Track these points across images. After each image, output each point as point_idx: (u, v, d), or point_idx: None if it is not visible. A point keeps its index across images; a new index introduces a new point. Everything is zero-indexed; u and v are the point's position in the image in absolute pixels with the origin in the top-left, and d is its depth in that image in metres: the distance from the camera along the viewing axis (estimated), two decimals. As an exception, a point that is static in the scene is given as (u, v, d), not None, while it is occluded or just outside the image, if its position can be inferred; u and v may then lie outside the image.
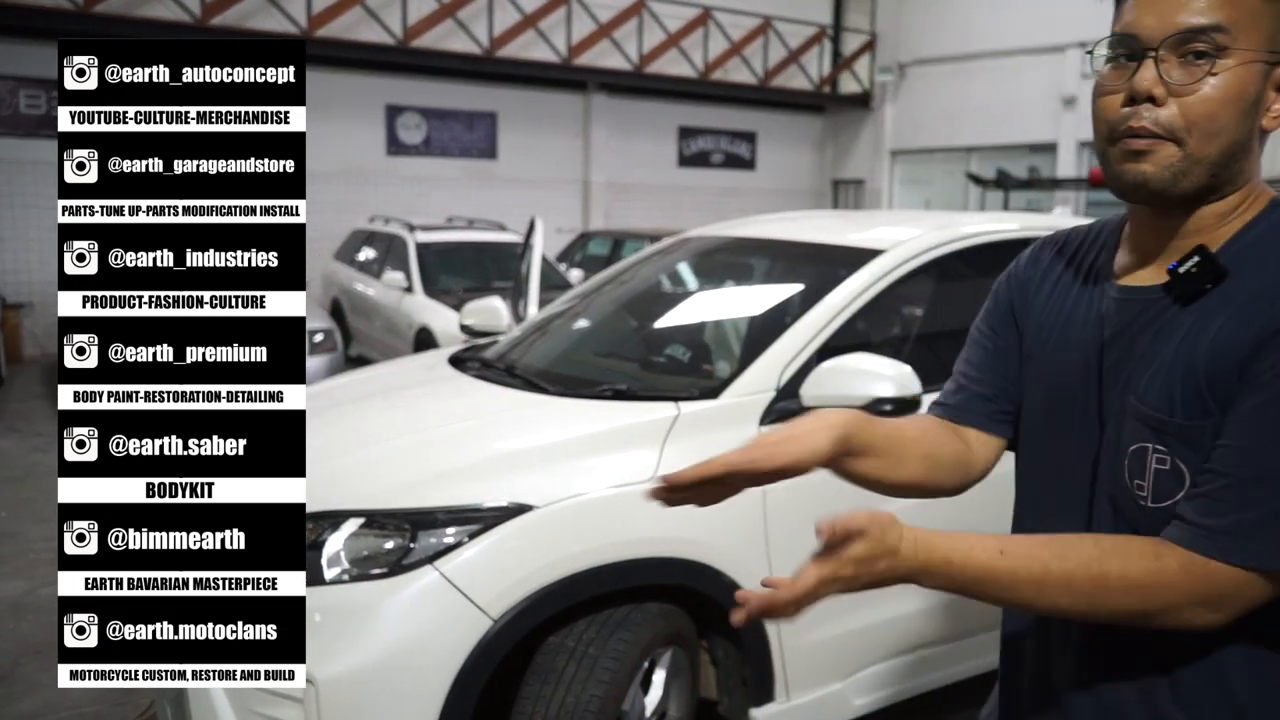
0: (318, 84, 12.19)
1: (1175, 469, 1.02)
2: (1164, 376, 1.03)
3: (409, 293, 8.42)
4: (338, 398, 3.30)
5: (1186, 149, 1.01)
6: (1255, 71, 1.01)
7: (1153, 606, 0.99)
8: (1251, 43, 1.00)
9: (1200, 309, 1.03)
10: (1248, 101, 1.01)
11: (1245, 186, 1.06)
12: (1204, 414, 1.00)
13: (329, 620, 2.20)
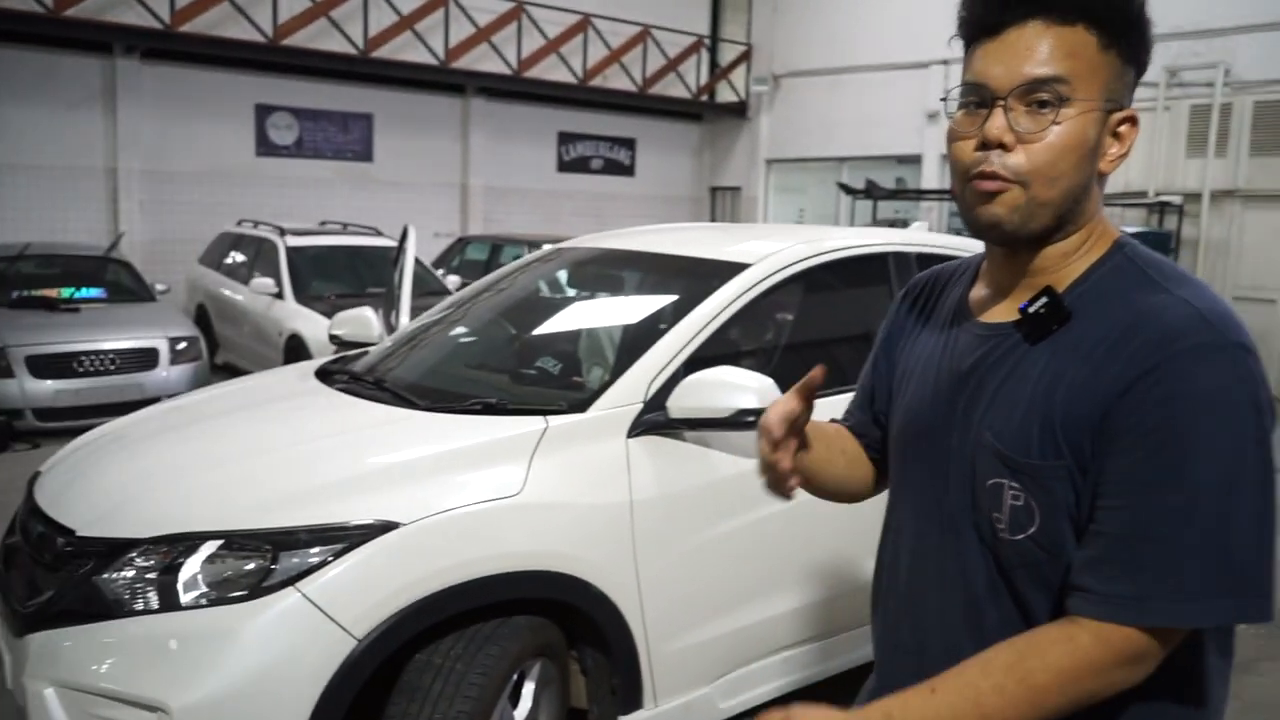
0: (182, 81, 11.78)
1: (1028, 505, 1.07)
2: (1021, 418, 1.07)
3: (279, 299, 8.19)
4: (199, 412, 3.20)
5: (1031, 192, 1.07)
6: (1094, 119, 1.08)
7: (1086, 686, 1.00)
8: (1090, 92, 1.07)
9: (1051, 349, 1.08)
10: (1088, 148, 1.08)
11: (1087, 226, 1.12)
12: (1056, 456, 1.04)
13: (186, 647, 2.14)
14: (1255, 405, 0.99)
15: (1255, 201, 10.77)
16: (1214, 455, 0.97)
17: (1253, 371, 1.00)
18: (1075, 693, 1.01)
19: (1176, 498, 0.97)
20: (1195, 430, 0.97)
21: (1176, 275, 1.09)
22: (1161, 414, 0.98)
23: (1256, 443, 0.98)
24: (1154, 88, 11.50)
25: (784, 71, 16.00)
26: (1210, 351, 0.99)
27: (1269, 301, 10.73)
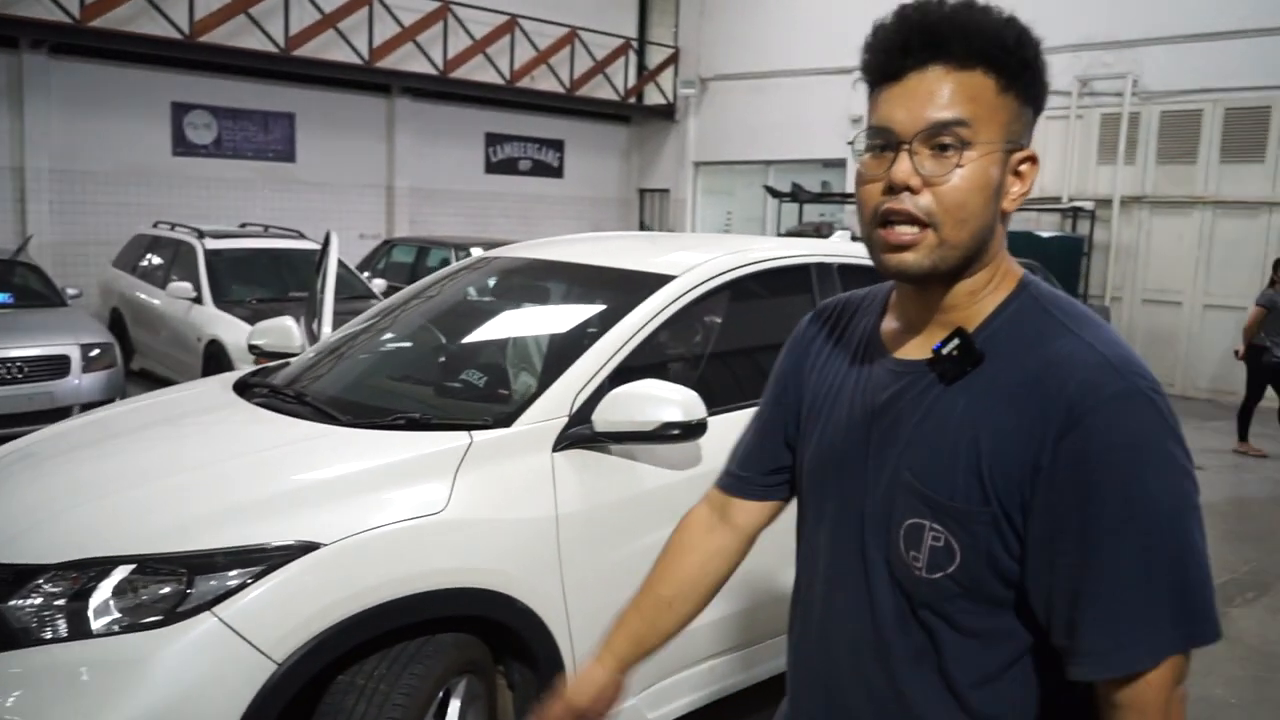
0: (93, 78, 11.41)
1: (949, 545, 1.09)
2: (945, 460, 1.09)
3: (198, 303, 7.98)
4: (110, 429, 3.10)
5: (942, 234, 1.09)
6: (996, 159, 1.10)
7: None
8: (991, 134, 1.09)
9: (967, 392, 1.10)
10: (992, 188, 1.10)
11: (992, 264, 1.14)
12: (984, 503, 1.07)
13: (98, 676, 2.08)
14: (1178, 442, 1.04)
15: (1161, 207, 11.19)
16: (1158, 500, 1.01)
17: (1167, 411, 1.05)
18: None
19: (1130, 549, 1.01)
20: (1134, 482, 1.01)
21: (1078, 316, 1.12)
22: (1100, 467, 1.01)
23: (1185, 475, 1.04)
24: (1067, 96, 11.86)
25: (711, 75, 16.12)
26: (1129, 399, 1.03)
27: (1175, 304, 11.16)
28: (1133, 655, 1.02)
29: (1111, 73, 11.52)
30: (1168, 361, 11.22)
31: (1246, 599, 4.84)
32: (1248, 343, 8.00)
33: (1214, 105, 10.68)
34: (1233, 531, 5.98)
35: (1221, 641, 3.45)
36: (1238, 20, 10.60)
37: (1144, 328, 11.38)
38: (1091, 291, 11.43)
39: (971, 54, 1.08)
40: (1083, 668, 1.04)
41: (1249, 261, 10.60)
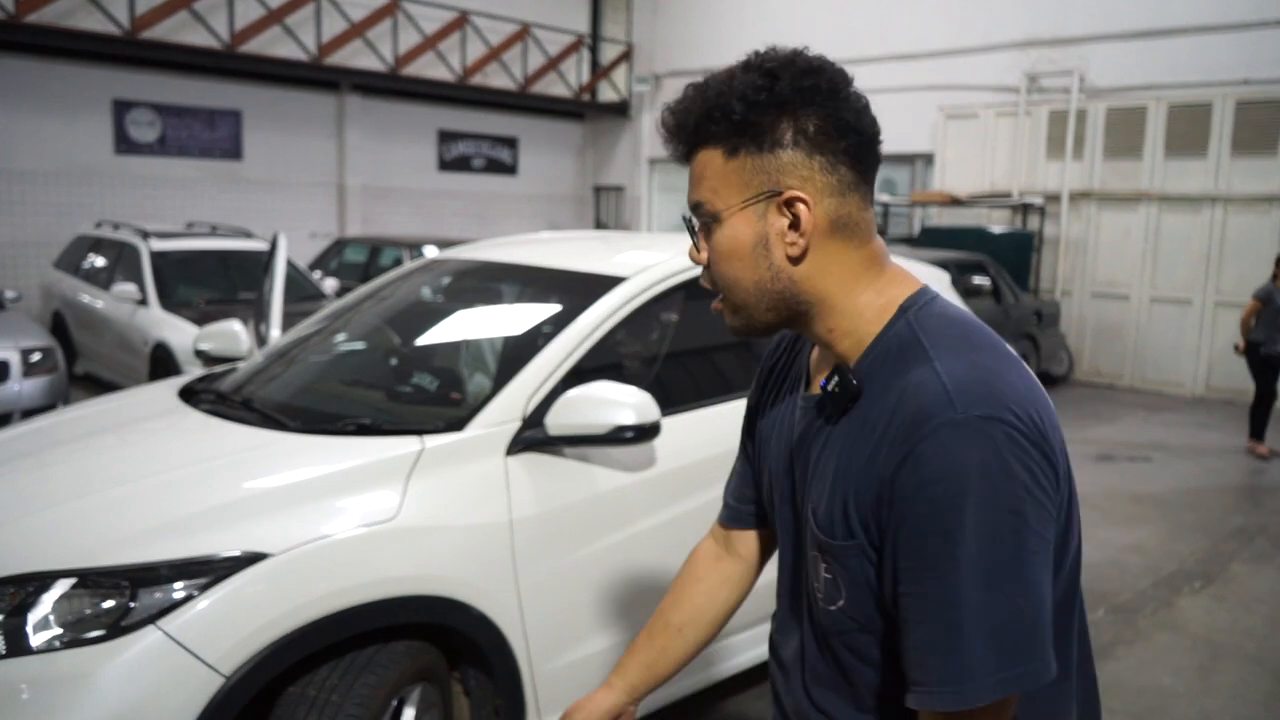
0: (31, 74, 11.12)
1: (836, 579, 1.13)
2: (828, 497, 1.12)
3: (143, 306, 7.82)
4: (50, 438, 3.02)
5: (731, 301, 1.17)
6: (744, 219, 1.12)
7: None
8: (729, 200, 1.13)
9: (847, 428, 1.12)
10: (748, 247, 1.13)
11: (848, 299, 1.14)
12: (849, 536, 1.09)
13: (37, 694, 2.02)
14: (1005, 473, 0.99)
15: (1109, 203, 11.39)
16: (970, 538, 0.99)
17: (996, 440, 1.00)
18: None
19: (946, 586, 1.00)
20: (950, 515, 0.99)
21: (943, 341, 1.09)
22: (922, 502, 1.01)
23: (1011, 511, 1.00)
24: (1015, 93, 12.03)
25: (665, 71, 16.12)
26: (952, 429, 1.00)
27: (1123, 298, 11.36)
28: (955, 692, 1.00)
29: (1058, 69, 11.70)
30: (1116, 354, 11.44)
31: (1193, 589, 4.94)
32: (1245, 337, 7.81)
33: (1158, 102, 10.88)
34: (1180, 522, 6.10)
35: (1169, 631, 3.50)
36: (1181, 18, 10.82)
37: (1094, 321, 11.58)
38: (1043, 286, 11.60)
39: (695, 139, 1.15)
40: (913, 697, 1.04)
41: (1193, 256, 10.83)
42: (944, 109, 12.65)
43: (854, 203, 1.14)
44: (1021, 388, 1.05)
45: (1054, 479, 1.04)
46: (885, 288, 1.16)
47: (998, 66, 12.25)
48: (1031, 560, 1.01)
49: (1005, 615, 0.99)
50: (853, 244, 1.14)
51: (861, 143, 1.14)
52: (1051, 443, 1.04)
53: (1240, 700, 3.76)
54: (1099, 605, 4.65)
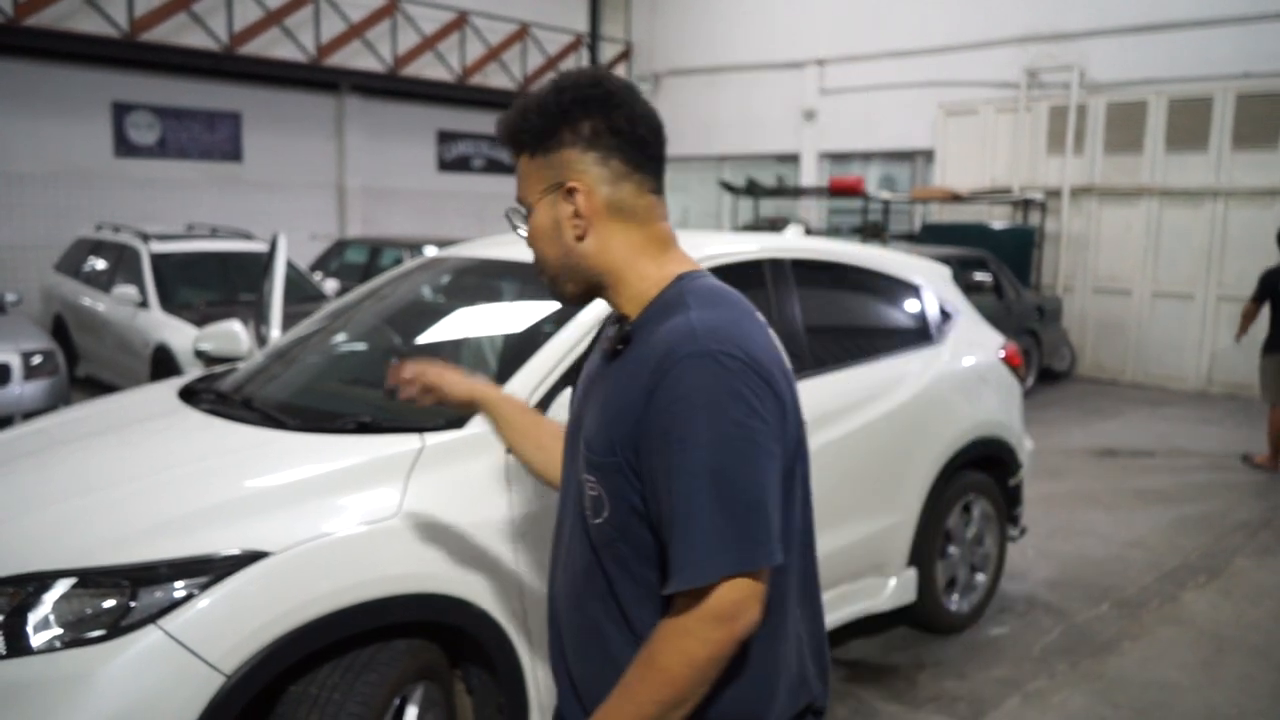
0: (30, 77, 11.12)
1: (600, 495, 1.33)
2: (596, 422, 1.35)
3: (143, 308, 7.81)
4: (51, 438, 3.02)
5: (545, 275, 1.44)
6: (544, 207, 1.39)
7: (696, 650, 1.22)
8: (533, 194, 1.40)
9: (619, 368, 1.35)
10: (548, 230, 1.39)
11: (632, 271, 1.38)
12: (610, 454, 1.30)
13: (39, 693, 2.02)
14: (733, 394, 1.22)
15: (1110, 198, 11.37)
16: (703, 443, 1.21)
17: (728, 369, 1.23)
18: (692, 659, 1.22)
19: (686, 483, 1.22)
20: (688, 425, 1.22)
21: (702, 300, 1.32)
22: (666, 417, 1.24)
23: (736, 424, 1.22)
24: (1015, 89, 12.01)
25: (664, 70, 16.12)
26: (694, 359, 1.23)
27: (1125, 293, 11.34)
28: (694, 573, 1.21)
29: (1058, 65, 11.68)
30: (1118, 349, 11.41)
31: (1198, 583, 4.92)
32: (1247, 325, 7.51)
33: (1158, 96, 10.87)
34: (1184, 516, 6.09)
35: (1174, 626, 3.50)
36: (1180, 12, 10.80)
37: (1096, 317, 11.56)
38: (1044, 282, 11.58)
39: (512, 145, 1.42)
40: (667, 583, 1.25)
41: (1195, 250, 10.81)
42: (944, 105, 12.63)
43: (628, 190, 1.37)
44: (758, 338, 1.31)
45: (780, 412, 1.28)
46: (666, 264, 1.39)
47: (997, 62, 12.24)
48: (755, 465, 1.23)
49: (733, 508, 1.21)
50: (632, 225, 1.38)
51: (632, 140, 1.36)
52: (777, 383, 1.28)
53: (1246, 694, 3.75)
54: (1103, 600, 4.63)
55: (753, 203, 13.95)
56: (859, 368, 3.69)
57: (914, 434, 3.80)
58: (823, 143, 14.29)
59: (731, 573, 1.20)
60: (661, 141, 1.40)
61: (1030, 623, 4.36)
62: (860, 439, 3.57)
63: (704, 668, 1.22)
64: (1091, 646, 4.13)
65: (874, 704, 3.60)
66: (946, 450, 3.93)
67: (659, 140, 1.39)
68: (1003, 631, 4.27)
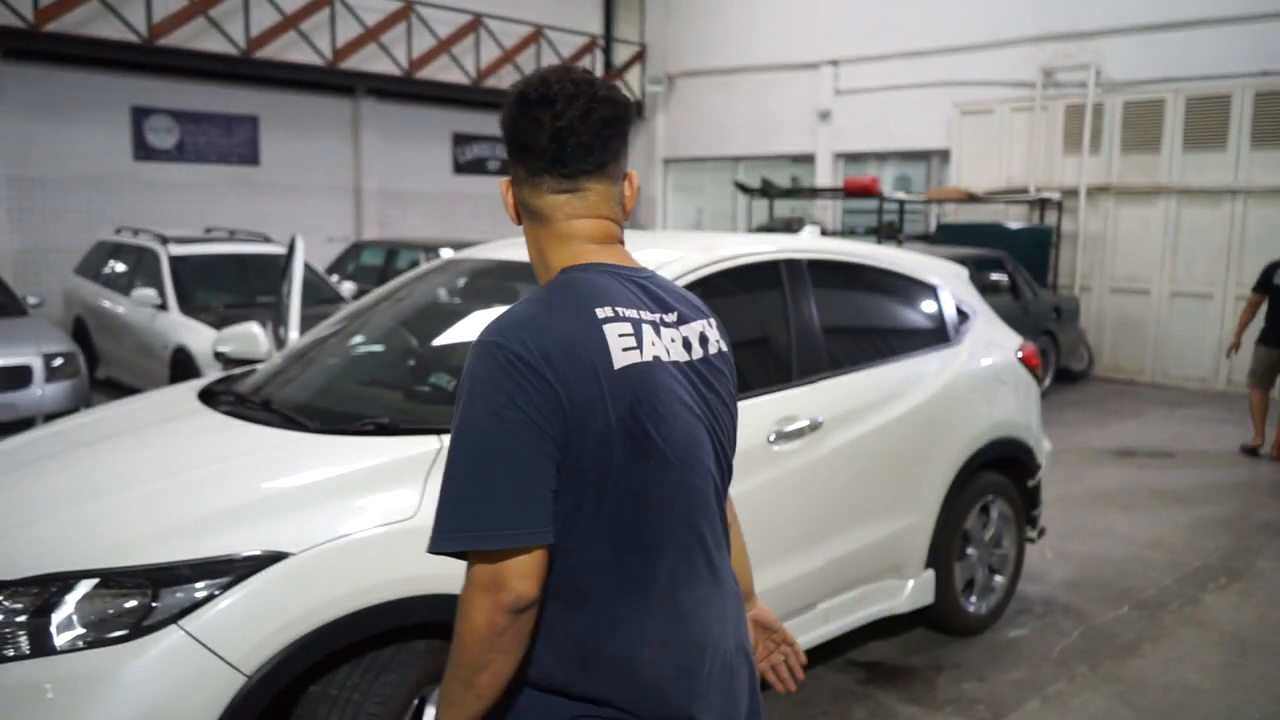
0: (50, 82, 11.21)
1: None
2: None
3: (163, 310, 7.87)
4: (73, 440, 3.04)
5: None
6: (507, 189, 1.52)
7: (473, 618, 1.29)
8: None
9: None
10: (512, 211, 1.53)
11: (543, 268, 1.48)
12: None
13: (62, 694, 2.04)
14: (493, 383, 1.29)
15: (1127, 197, 11.29)
16: (461, 424, 1.31)
17: (496, 359, 1.30)
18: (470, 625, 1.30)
19: (449, 457, 1.31)
20: (458, 406, 1.32)
21: (544, 291, 1.42)
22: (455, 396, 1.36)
23: (492, 412, 1.28)
24: (1030, 88, 11.96)
25: (678, 71, 16.11)
26: (474, 347, 1.34)
27: (1143, 293, 11.27)
28: (434, 540, 1.31)
29: (1074, 64, 11.62)
30: (1137, 349, 11.34)
31: (1219, 585, 4.88)
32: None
33: (1175, 95, 10.79)
34: (1204, 517, 6.04)
35: (1195, 628, 3.48)
36: (1197, 10, 10.72)
37: (1113, 317, 11.49)
38: (1061, 282, 11.52)
39: None
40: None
41: (1214, 249, 10.73)
42: (959, 105, 12.58)
43: (526, 192, 1.46)
44: (557, 332, 1.33)
45: (554, 402, 1.30)
46: (567, 258, 1.46)
47: (1012, 61, 12.18)
48: (506, 450, 1.28)
49: (474, 487, 1.28)
50: (538, 223, 1.47)
51: (521, 148, 1.44)
52: (559, 374, 1.30)
53: (1268, 696, 3.72)
54: (1123, 602, 4.61)
55: (767, 204, 13.93)
56: (876, 368, 3.68)
57: (931, 435, 3.79)
58: (837, 143, 14.25)
59: (466, 548, 1.29)
60: (568, 144, 1.40)
61: (1049, 624, 4.34)
62: (877, 440, 3.56)
63: (484, 633, 1.29)
64: (1111, 648, 4.11)
65: (892, 706, 3.59)
66: (964, 451, 3.92)
67: (562, 144, 1.40)
68: (1021, 633, 4.25)
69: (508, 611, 1.29)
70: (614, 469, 1.34)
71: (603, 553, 1.37)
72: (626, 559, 1.38)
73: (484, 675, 1.32)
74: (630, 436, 1.34)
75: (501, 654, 1.31)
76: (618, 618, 1.39)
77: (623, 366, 1.35)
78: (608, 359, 1.35)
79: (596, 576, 1.37)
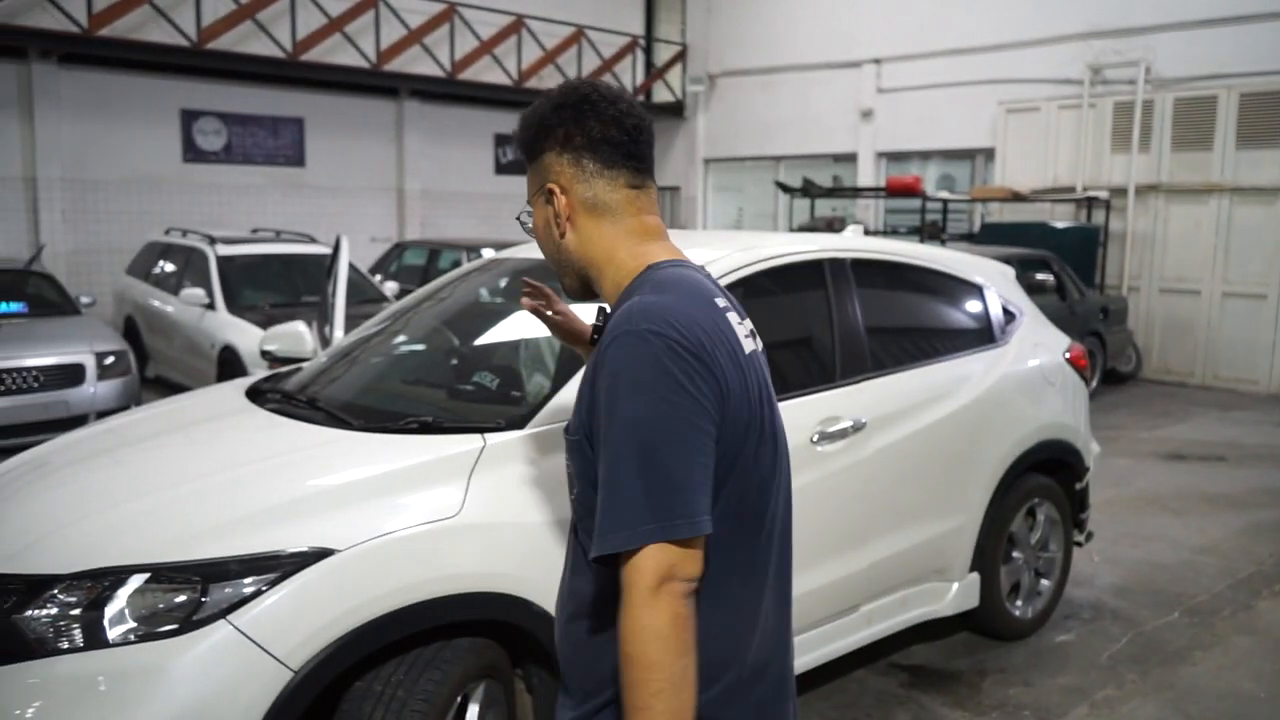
0: (102, 86, 11.46)
1: (570, 473, 1.43)
2: (574, 405, 1.43)
3: (210, 310, 8.00)
4: (123, 437, 3.09)
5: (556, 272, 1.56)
6: (538, 209, 1.53)
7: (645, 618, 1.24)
8: (532, 194, 1.54)
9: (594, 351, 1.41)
10: (542, 230, 1.53)
11: (612, 266, 1.47)
12: (576, 431, 1.39)
13: (114, 686, 2.07)
14: (659, 370, 1.28)
15: (1177, 196, 11.07)
16: (628, 416, 1.28)
17: (653, 348, 1.28)
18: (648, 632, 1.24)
19: (613, 453, 1.28)
20: (617, 399, 1.29)
21: (655, 285, 1.39)
22: (604, 392, 1.30)
23: (661, 399, 1.27)
24: (1079, 85, 11.77)
25: (719, 71, 16.07)
26: (626, 337, 1.30)
27: (1193, 293, 11.05)
28: (612, 540, 1.26)
29: (1123, 60, 11.42)
30: (1187, 351, 11.11)
31: (1274, 591, 4.77)
32: None
33: (1228, 91, 10.56)
34: (1257, 522, 5.91)
35: (1249, 635, 3.39)
36: (1251, 4, 10.49)
37: (1162, 317, 11.28)
38: (1109, 282, 11.32)
39: (520, 154, 1.55)
40: (590, 550, 1.31)
41: (1268, 249, 10.48)
42: (1004, 103, 12.41)
43: (599, 187, 1.47)
44: (701, 320, 1.34)
45: (715, 386, 1.31)
46: (643, 255, 1.46)
47: (1059, 59, 12.00)
48: (678, 438, 1.27)
49: (653, 478, 1.26)
50: (606, 220, 1.48)
51: (602, 140, 1.45)
52: (714, 360, 1.32)
53: (1325, 707, 3.63)
54: (1174, 608, 4.52)
55: (808, 203, 13.85)
56: (921, 368, 3.64)
57: (977, 436, 3.74)
58: (880, 142, 14.14)
59: (650, 541, 1.25)
60: (640, 140, 1.48)
61: (1097, 630, 4.27)
62: (922, 441, 3.52)
63: (666, 635, 1.24)
64: (1162, 655, 4.03)
65: (936, 710, 3.55)
66: (1011, 453, 3.86)
67: (636, 139, 1.47)
68: (1068, 638, 4.18)
69: (686, 598, 1.27)
70: (744, 453, 1.37)
71: (726, 535, 1.38)
72: (747, 543, 1.41)
73: (686, 689, 1.25)
74: (760, 422, 1.38)
75: (687, 654, 1.26)
76: (733, 601, 1.40)
77: (748, 354, 1.41)
78: (740, 346, 1.39)
79: (718, 559, 1.37)
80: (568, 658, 1.50)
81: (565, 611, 1.51)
